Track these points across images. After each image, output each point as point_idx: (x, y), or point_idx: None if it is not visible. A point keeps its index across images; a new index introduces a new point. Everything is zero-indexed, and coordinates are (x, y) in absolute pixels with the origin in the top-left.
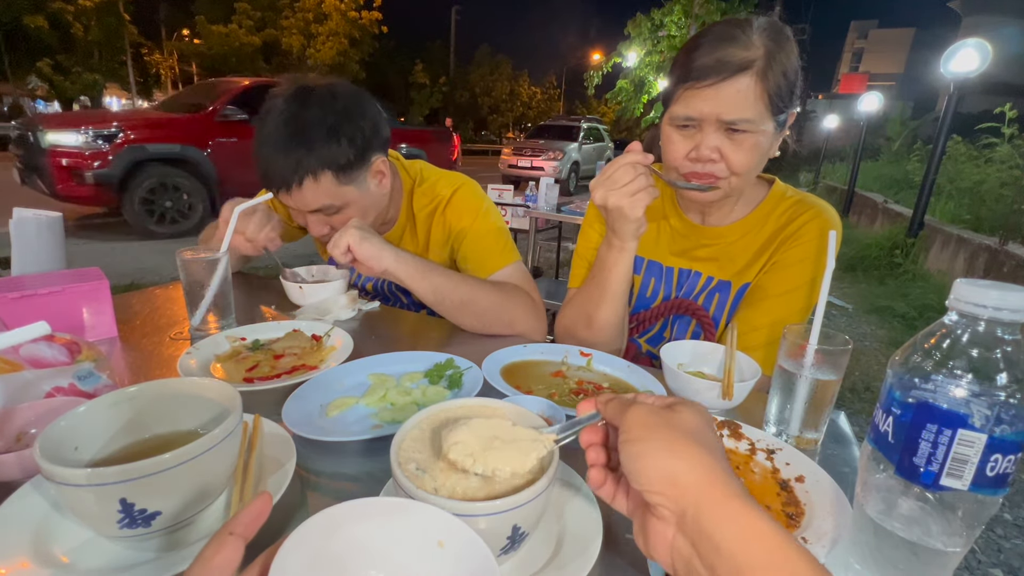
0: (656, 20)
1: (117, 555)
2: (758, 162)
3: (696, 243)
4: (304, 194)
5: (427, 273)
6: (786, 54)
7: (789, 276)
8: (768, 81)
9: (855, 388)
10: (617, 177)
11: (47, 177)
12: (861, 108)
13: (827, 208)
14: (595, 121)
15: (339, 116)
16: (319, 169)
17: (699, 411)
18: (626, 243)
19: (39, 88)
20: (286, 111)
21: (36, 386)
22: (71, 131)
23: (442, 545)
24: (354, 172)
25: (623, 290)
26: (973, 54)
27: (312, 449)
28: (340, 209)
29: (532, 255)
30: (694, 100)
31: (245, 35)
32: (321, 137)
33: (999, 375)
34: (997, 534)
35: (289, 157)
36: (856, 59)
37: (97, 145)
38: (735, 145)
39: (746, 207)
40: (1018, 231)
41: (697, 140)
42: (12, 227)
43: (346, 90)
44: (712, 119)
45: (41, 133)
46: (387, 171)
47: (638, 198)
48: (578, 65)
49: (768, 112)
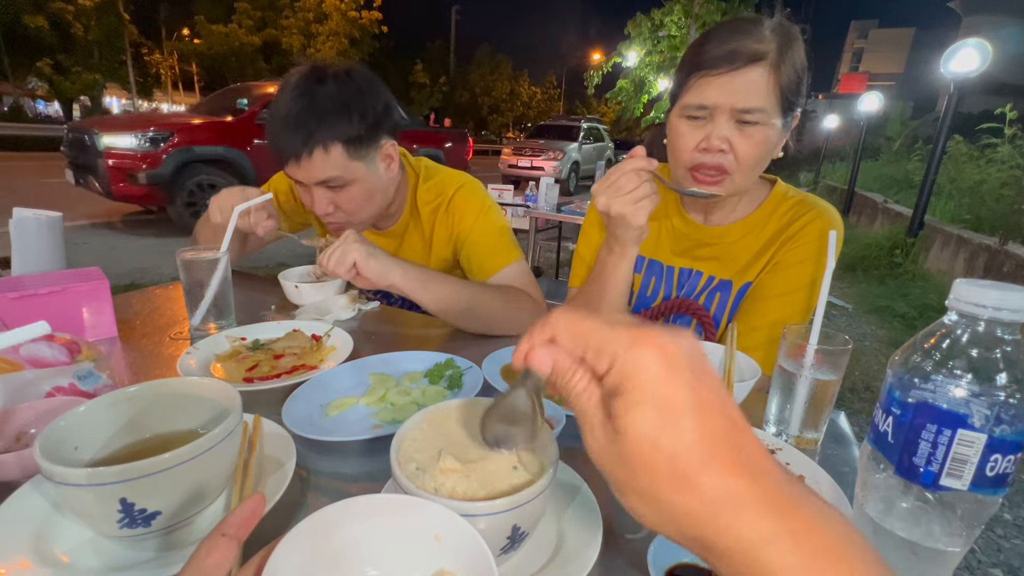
0: (656, 20)
1: (117, 555)
2: (763, 157)
3: (698, 242)
4: (313, 164)
5: (430, 284)
6: (796, 52)
7: (790, 277)
8: (780, 75)
9: (855, 388)
10: (621, 184)
11: (103, 178)
12: (861, 108)
13: (829, 209)
14: (595, 121)
15: (353, 93)
16: (330, 141)
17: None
18: (627, 249)
19: (39, 88)
20: (301, 85)
21: (36, 386)
22: (126, 134)
23: (439, 538)
24: (364, 149)
25: (622, 293)
26: (973, 54)
27: (312, 449)
28: (347, 185)
29: (532, 255)
30: (707, 89)
31: (245, 35)
32: (334, 110)
33: (999, 375)
34: (997, 534)
35: (301, 127)
36: (856, 59)
37: (149, 147)
38: (744, 137)
39: (748, 207)
40: (1018, 231)
41: (708, 131)
42: (12, 227)
43: (361, 72)
44: (725, 108)
45: (97, 136)
46: (396, 157)
47: (641, 206)
48: (578, 65)
49: (778, 106)
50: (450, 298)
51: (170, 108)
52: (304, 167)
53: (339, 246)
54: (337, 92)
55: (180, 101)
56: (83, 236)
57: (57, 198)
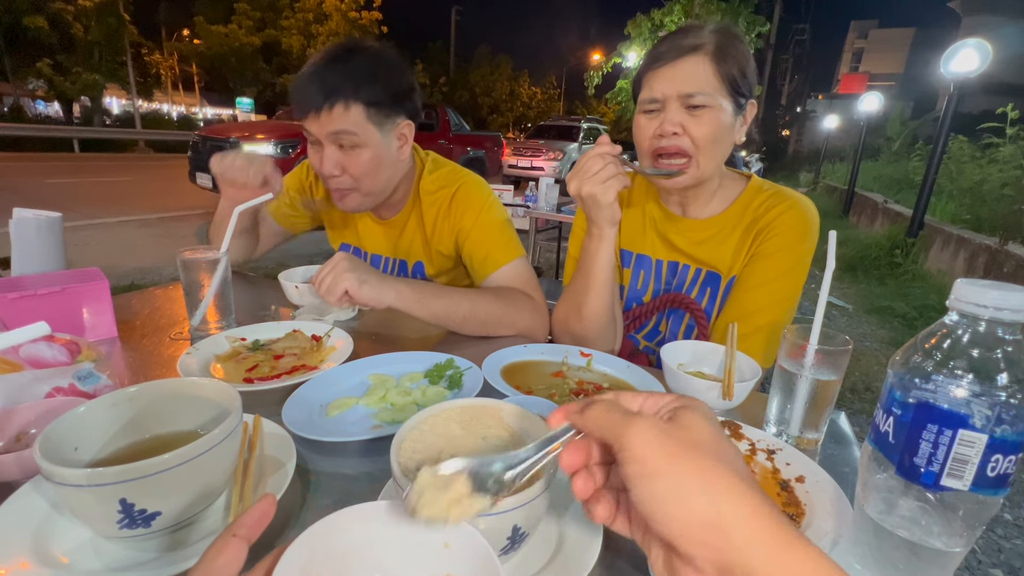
0: (656, 20)
1: (117, 555)
2: (719, 139)
3: (678, 233)
4: (332, 118)
5: (425, 300)
6: (737, 47)
7: (768, 266)
8: (721, 63)
9: (855, 388)
10: (588, 167)
11: None
12: (861, 108)
13: (802, 199)
14: (595, 121)
15: (382, 65)
16: (352, 100)
17: (707, 415)
18: (604, 230)
19: (39, 89)
20: (336, 50)
21: (36, 386)
22: (264, 142)
23: (448, 546)
24: (382, 118)
25: (607, 277)
26: (973, 54)
27: (312, 449)
28: (358, 147)
29: (532, 255)
30: (655, 82)
31: (245, 35)
32: (362, 74)
33: (1000, 375)
34: (997, 534)
35: (327, 81)
36: (856, 59)
37: (281, 154)
38: (695, 119)
39: (724, 201)
40: (1019, 231)
41: (661, 118)
42: (12, 227)
43: (392, 52)
44: (672, 96)
45: (237, 144)
46: (409, 141)
47: (609, 184)
48: (578, 65)
49: (723, 91)
50: (447, 312)
51: (170, 109)
52: (323, 119)
53: (330, 272)
54: (367, 60)
55: (180, 102)
56: (83, 236)
57: (58, 198)
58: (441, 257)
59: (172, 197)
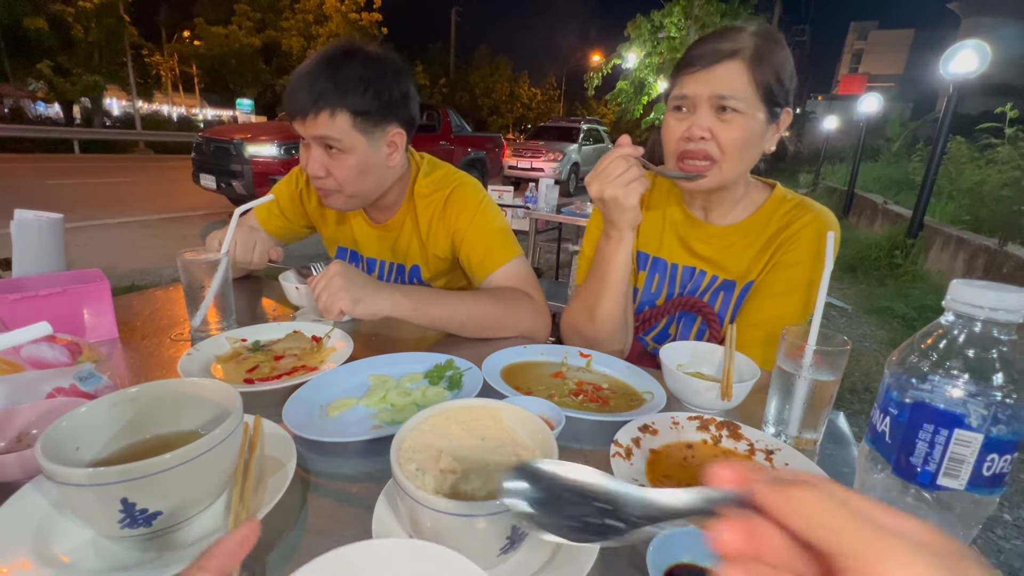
0: (656, 22)
1: (118, 555)
2: (747, 147)
3: (699, 239)
4: (317, 124)
5: (422, 309)
6: (776, 53)
7: (787, 277)
8: (757, 69)
9: (854, 389)
10: (611, 170)
11: (248, 183)
12: (861, 109)
13: (825, 212)
14: (595, 122)
15: (375, 72)
16: (339, 108)
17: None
18: (624, 233)
19: (40, 90)
20: (331, 53)
21: (37, 387)
22: (269, 144)
23: None
24: (370, 126)
25: (622, 280)
26: (972, 55)
27: (312, 450)
28: (343, 152)
29: (532, 256)
30: (688, 82)
31: (245, 36)
32: (352, 81)
33: (995, 375)
34: (997, 535)
35: (315, 88)
36: (856, 60)
37: (285, 155)
38: (725, 125)
39: (748, 209)
40: (1017, 232)
41: (691, 121)
42: (13, 228)
43: (391, 57)
44: (704, 97)
45: (242, 146)
46: (400, 148)
47: (632, 187)
48: (578, 66)
49: (757, 98)
50: (444, 318)
51: (170, 110)
52: (308, 124)
53: (325, 288)
54: (360, 67)
55: (180, 103)
56: (84, 238)
57: (58, 199)
58: (437, 260)
59: (172, 198)
